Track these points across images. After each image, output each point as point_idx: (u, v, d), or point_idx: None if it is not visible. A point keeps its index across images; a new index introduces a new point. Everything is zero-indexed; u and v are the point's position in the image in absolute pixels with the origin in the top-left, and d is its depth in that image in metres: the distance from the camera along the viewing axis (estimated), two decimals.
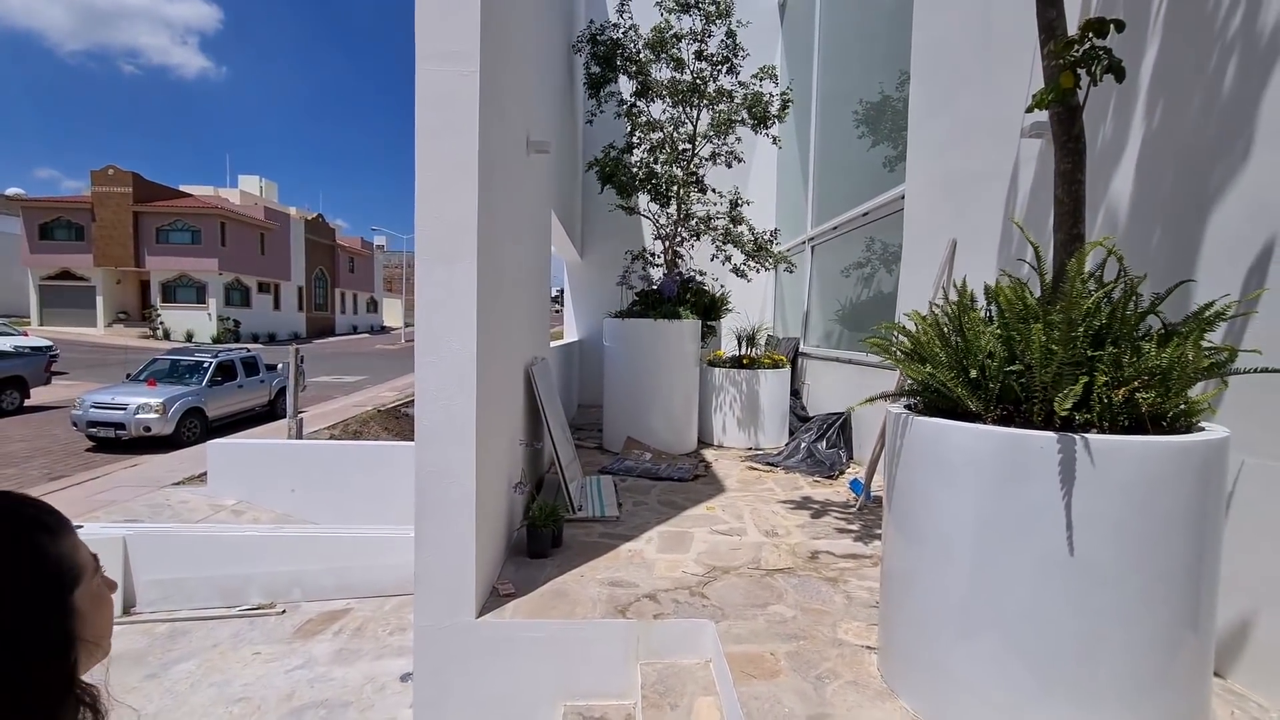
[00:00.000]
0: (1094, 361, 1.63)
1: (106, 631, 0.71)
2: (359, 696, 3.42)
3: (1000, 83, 3.43)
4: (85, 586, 0.67)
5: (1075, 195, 1.87)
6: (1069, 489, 1.54)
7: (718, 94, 6.06)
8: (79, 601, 0.65)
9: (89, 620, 0.67)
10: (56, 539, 0.66)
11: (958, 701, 1.75)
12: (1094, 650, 1.56)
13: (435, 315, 2.31)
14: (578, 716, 2.35)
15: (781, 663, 2.13)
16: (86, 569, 0.68)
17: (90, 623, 0.67)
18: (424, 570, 2.36)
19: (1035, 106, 1.81)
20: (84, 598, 0.66)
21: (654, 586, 2.73)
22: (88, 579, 0.68)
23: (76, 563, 0.67)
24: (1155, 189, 2.36)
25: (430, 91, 2.25)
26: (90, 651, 0.67)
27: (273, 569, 4.62)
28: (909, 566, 1.91)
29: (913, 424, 1.87)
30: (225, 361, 12.04)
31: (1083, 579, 1.55)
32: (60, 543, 0.66)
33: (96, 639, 0.67)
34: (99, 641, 0.68)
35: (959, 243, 3.77)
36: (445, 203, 2.28)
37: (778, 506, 3.97)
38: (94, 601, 0.68)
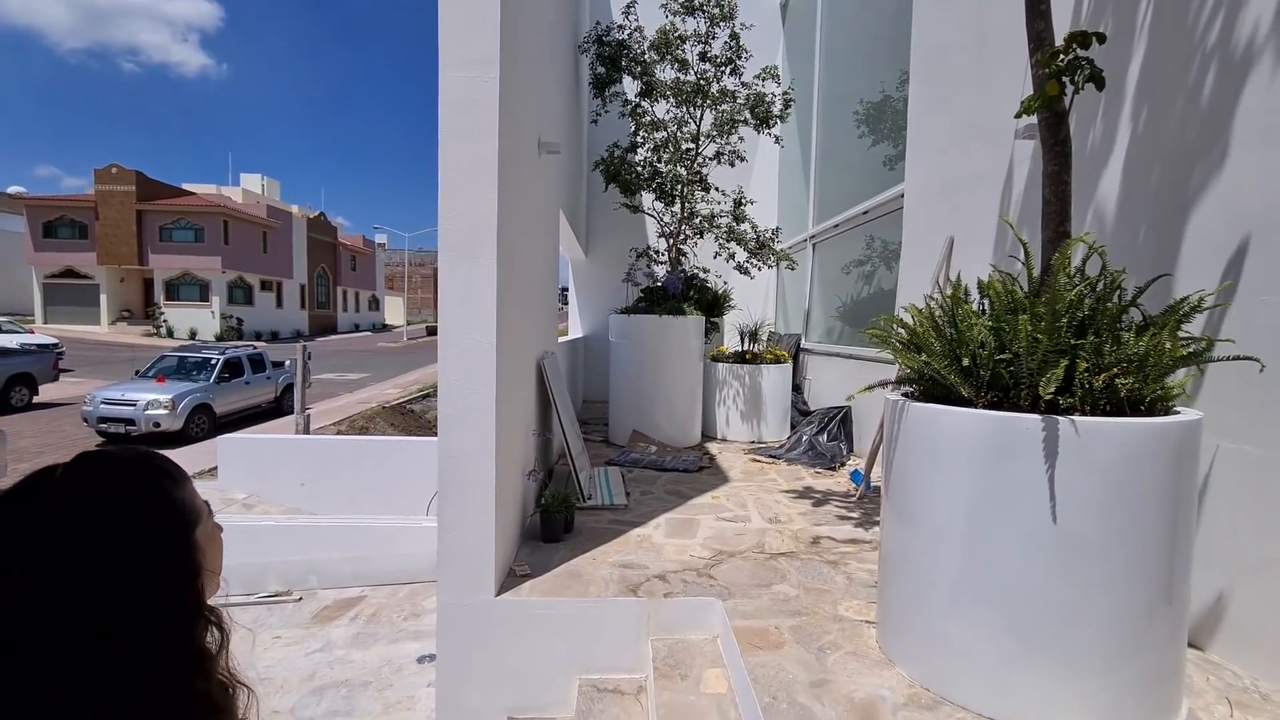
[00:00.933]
0: (1076, 349, 1.76)
1: (220, 565, 0.83)
2: (377, 677, 3.56)
3: (995, 86, 3.56)
4: (204, 526, 0.80)
5: (1062, 195, 2.00)
6: (1053, 467, 1.67)
7: (721, 94, 6.18)
8: (199, 538, 0.78)
9: (208, 554, 0.79)
10: (179, 485, 0.78)
11: (950, 668, 1.88)
12: (1077, 617, 1.69)
13: (457, 309, 2.43)
14: (592, 688, 2.48)
15: (785, 636, 2.26)
16: (203, 512, 0.81)
17: (209, 556, 0.80)
18: (446, 550, 2.49)
19: (1024, 112, 1.94)
20: (203, 535, 0.79)
21: (663, 568, 2.86)
22: (205, 520, 0.81)
23: (195, 506, 0.80)
24: (1141, 189, 2.48)
25: (452, 96, 2.37)
26: (211, 580, 0.79)
27: (289, 558, 4.76)
28: (905, 543, 2.04)
29: (908, 410, 2.00)
30: (232, 358, 12.18)
31: (1067, 550, 1.68)
32: (182, 488, 0.78)
33: (214, 570, 0.80)
34: (216, 571, 0.81)
35: (956, 240, 3.90)
36: (467, 202, 2.41)
37: (780, 496, 4.10)
38: (210, 539, 0.81)
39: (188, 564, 0.74)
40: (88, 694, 0.64)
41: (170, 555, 0.73)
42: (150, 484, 0.75)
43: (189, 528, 0.76)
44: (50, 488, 0.68)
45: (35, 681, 0.61)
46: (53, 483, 0.69)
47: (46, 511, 0.66)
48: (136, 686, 0.66)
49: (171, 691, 0.69)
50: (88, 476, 0.70)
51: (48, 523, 0.65)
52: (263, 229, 34.66)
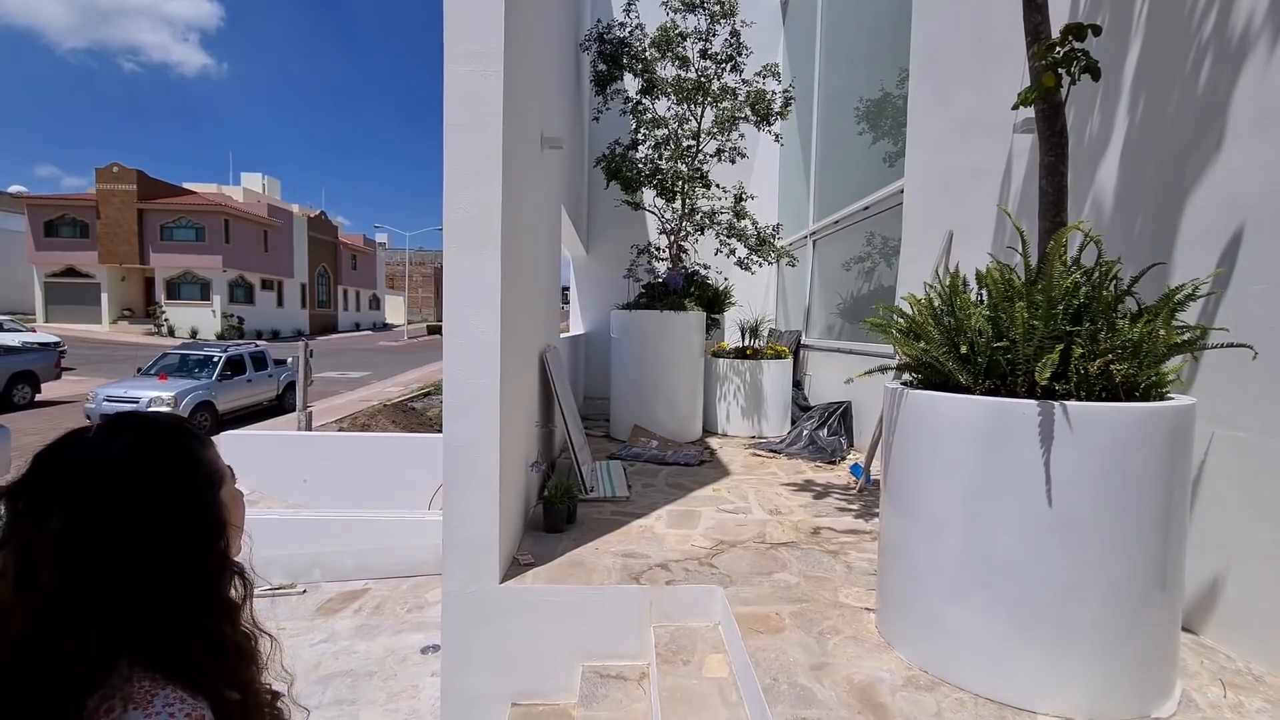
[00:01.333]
0: (1072, 336, 1.79)
1: (243, 522, 0.87)
2: (382, 667, 3.59)
3: (994, 81, 3.59)
4: (228, 486, 0.84)
5: (1058, 186, 2.03)
6: (1049, 450, 1.70)
7: (722, 91, 6.21)
8: (225, 496, 0.82)
9: (233, 511, 0.83)
10: (206, 446, 0.82)
11: (948, 650, 1.91)
12: (1072, 598, 1.72)
13: (462, 299, 2.47)
14: (595, 674, 2.52)
15: (786, 621, 2.30)
16: (227, 474, 0.85)
17: (233, 513, 0.83)
18: (451, 538, 2.52)
19: (1021, 104, 1.97)
20: (227, 494, 0.83)
21: (665, 557, 2.89)
22: (229, 481, 0.84)
23: (220, 467, 0.83)
24: (1137, 180, 2.51)
25: (457, 90, 2.41)
26: (235, 535, 0.83)
27: (293, 550, 4.79)
28: (904, 528, 2.07)
29: (907, 397, 2.03)
30: (234, 356, 12.21)
31: (1063, 532, 1.71)
32: (209, 450, 0.82)
33: (238, 526, 0.84)
34: (240, 527, 0.85)
35: (955, 234, 3.93)
36: (471, 194, 2.44)
37: (781, 488, 4.13)
38: (233, 499, 0.85)
39: (214, 518, 0.78)
40: (121, 637, 0.67)
41: (198, 509, 0.76)
42: (180, 443, 0.78)
43: (215, 485, 0.80)
44: (87, 443, 0.72)
45: (72, 625, 0.64)
46: (90, 439, 0.72)
47: (84, 462, 0.70)
48: (167, 631, 0.70)
49: (201, 637, 0.72)
50: (122, 434, 0.74)
51: (86, 472, 0.69)
52: (263, 228, 34.69)
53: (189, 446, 0.79)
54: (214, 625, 0.75)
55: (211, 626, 0.74)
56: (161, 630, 0.69)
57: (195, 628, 0.72)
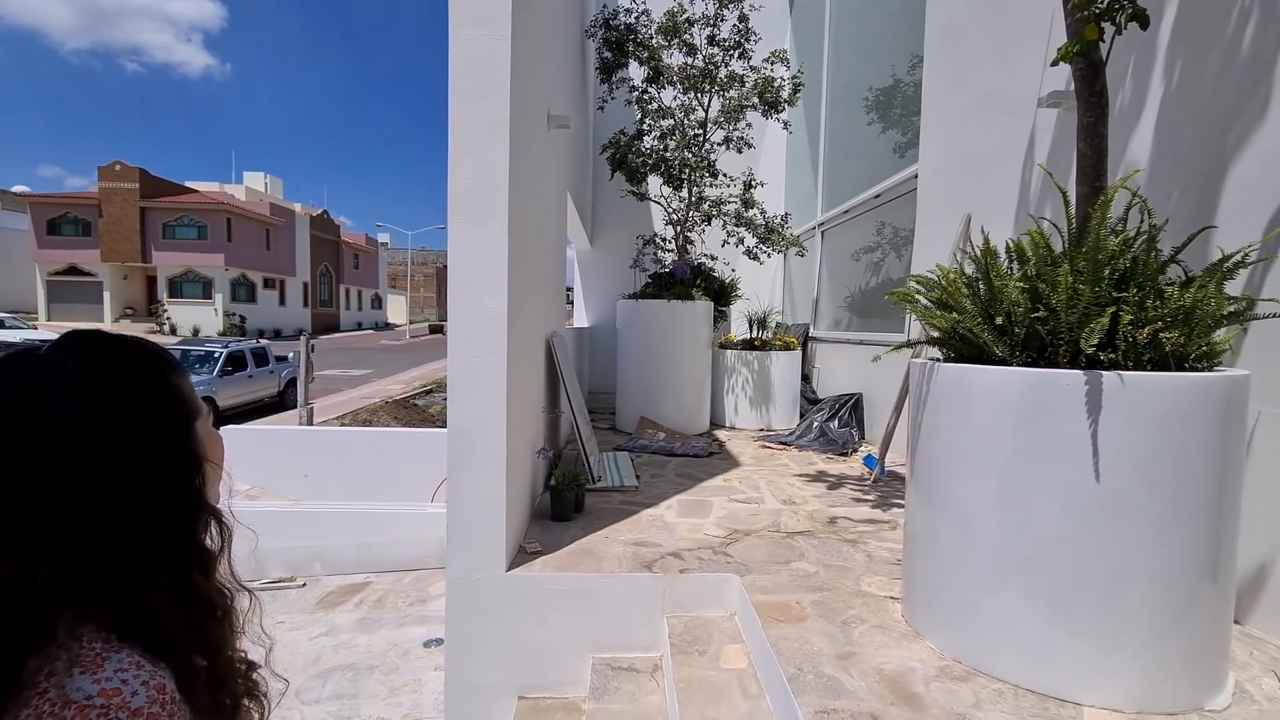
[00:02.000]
0: (1118, 303, 1.67)
1: (222, 461, 0.76)
2: (383, 661, 3.49)
3: (1015, 57, 3.48)
4: (203, 421, 0.73)
5: (1098, 149, 1.92)
6: (1096, 422, 1.59)
7: (729, 79, 6.09)
8: (200, 430, 0.71)
9: (210, 448, 0.72)
10: (177, 373, 0.71)
11: (983, 639, 1.80)
12: (1119, 581, 1.61)
13: (467, 274, 2.36)
14: (606, 666, 2.41)
15: (808, 610, 2.19)
16: (200, 406, 0.74)
17: (211, 450, 0.72)
18: (456, 523, 2.42)
19: (1060, 60, 1.86)
20: (203, 429, 0.72)
21: (677, 546, 2.78)
22: (204, 415, 0.74)
23: (196, 400, 0.73)
24: (1174, 147, 2.40)
25: (464, 55, 2.30)
26: (214, 474, 0.72)
27: (293, 544, 4.69)
28: (934, 511, 1.96)
29: (938, 371, 1.92)
30: (236, 352, 12.14)
31: (1109, 508, 1.60)
32: (180, 377, 0.71)
33: (218, 464, 0.73)
34: (219, 466, 0.74)
35: (974, 216, 3.82)
36: (476, 163, 2.33)
37: (793, 479, 4.02)
38: (210, 436, 0.74)
39: (189, 450, 0.67)
40: (72, 584, 0.56)
41: (170, 436, 0.66)
42: (149, 363, 0.68)
43: (190, 414, 0.69)
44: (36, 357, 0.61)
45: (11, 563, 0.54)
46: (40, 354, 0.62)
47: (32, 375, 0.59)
48: (128, 578, 0.59)
49: (168, 587, 0.61)
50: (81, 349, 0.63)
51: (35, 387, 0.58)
52: (265, 227, 34.65)
53: (159, 368, 0.68)
54: (184, 574, 0.64)
55: (181, 576, 0.63)
56: (121, 576, 0.59)
57: (162, 576, 0.61)
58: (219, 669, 0.69)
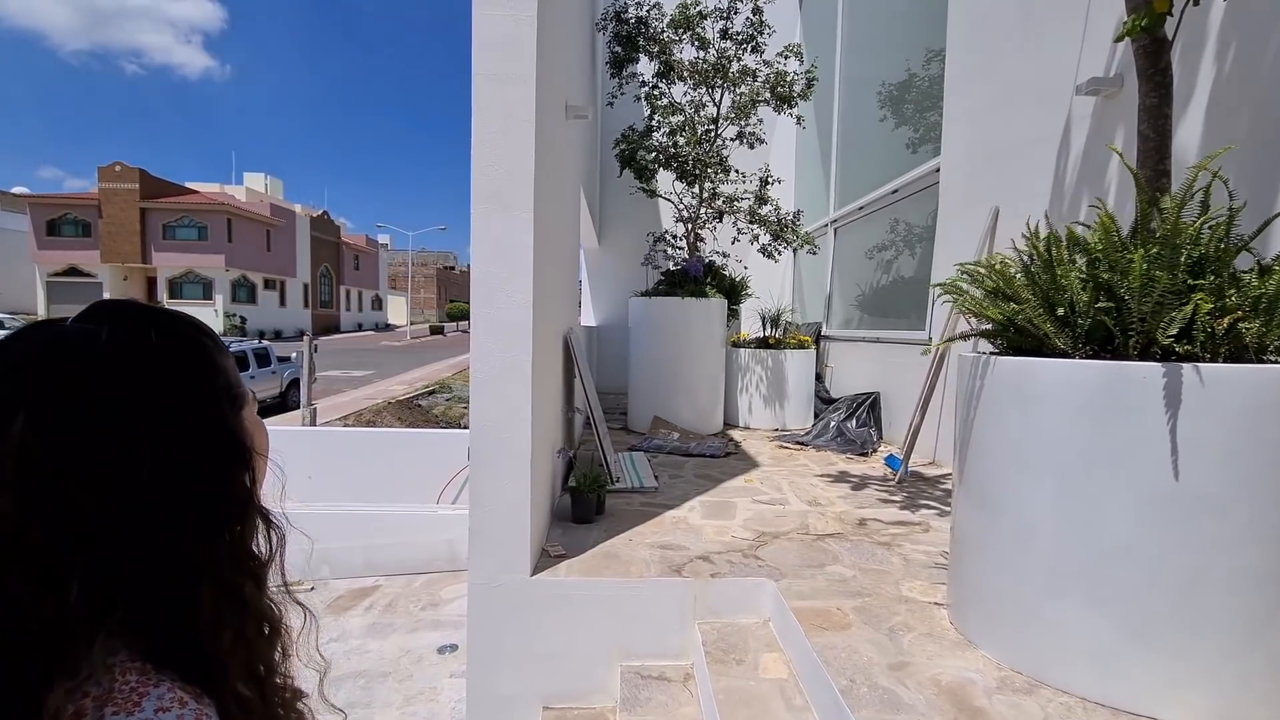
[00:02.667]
0: (1193, 291, 1.57)
1: (265, 458, 0.67)
2: (396, 667, 3.38)
3: (1046, 45, 3.38)
4: (250, 409, 0.63)
5: (1162, 130, 1.82)
6: (1175, 418, 1.49)
7: (741, 73, 5.99)
8: (246, 419, 0.61)
9: (257, 438, 0.63)
10: (224, 353, 0.61)
11: (1046, 649, 1.70)
12: (1198, 587, 1.51)
13: (492, 265, 2.26)
14: (636, 675, 2.30)
15: (850, 617, 2.08)
16: (248, 394, 0.64)
17: (258, 440, 0.63)
18: (478, 526, 2.31)
19: (1124, 35, 1.76)
20: (249, 417, 0.62)
21: (705, 549, 2.68)
22: (250, 402, 0.64)
23: (240, 383, 0.63)
24: (1228, 133, 2.30)
25: (488, 35, 2.20)
26: (262, 468, 0.63)
27: (300, 546, 4.56)
28: (989, 514, 1.85)
29: (995, 365, 1.82)
30: (238, 352, 12.02)
31: (1187, 510, 1.49)
32: (227, 358, 0.61)
33: (264, 453, 0.64)
34: (266, 454, 0.65)
35: (1001, 210, 3.72)
36: (502, 149, 2.23)
37: (815, 480, 3.92)
38: (256, 427, 0.64)
39: (238, 443, 0.57)
40: (106, 600, 0.46)
41: (217, 423, 0.56)
42: (194, 339, 0.58)
43: (239, 402, 0.59)
44: (64, 329, 0.51)
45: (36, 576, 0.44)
46: (68, 325, 0.52)
47: (59, 349, 0.49)
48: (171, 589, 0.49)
49: (215, 597, 0.51)
50: (115, 320, 0.53)
51: (65, 361, 0.48)
52: (266, 227, 34.55)
53: (203, 345, 0.58)
54: (234, 584, 0.54)
55: (231, 586, 0.53)
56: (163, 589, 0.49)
57: (209, 586, 0.51)
58: (266, 695, 0.59)
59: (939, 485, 3.83)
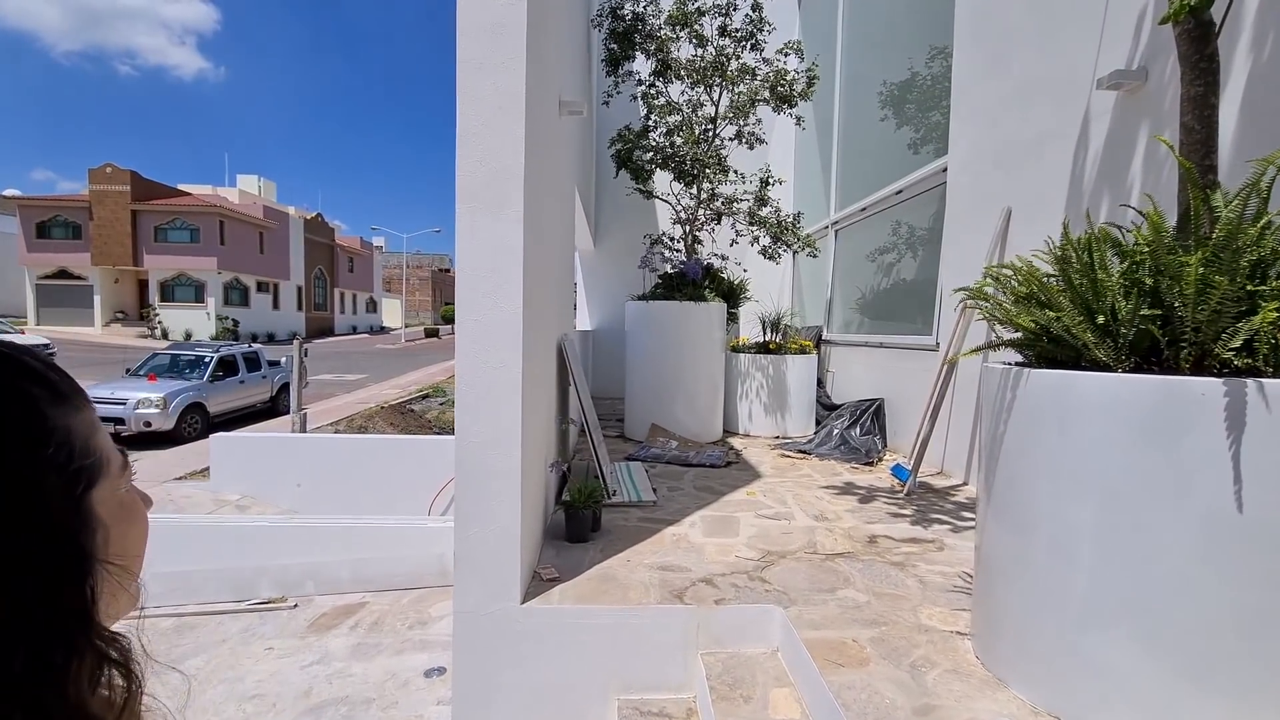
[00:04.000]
0: (1254, 297, 1.42)
1: (137, 555, 0.49)
2: (381, 693, 3.20)
3: (1062, 39, 3.23)
4: (109, 486, 0.45)
5: (1208, 122, 1.67)
6: (1239, 440, 1.33)
7: (740, 72, 5.84)
8: (99, 505, 0.44)
9: (114, 537, 0.45)
10: (67, 407, 0.44)
11: (1089, 691, 1.54)
12: (1266, 626, 1.35)
13: (478, 268, 2.09)
14: (634, 710, 2.14)
15: (868, 650, 1.92)
16: (111, 462, 0.46)
17: (115, 539, 0.45)
18: (465, 551, 2.14)
19: (1169, 18, 1.61)
20: (107, 502, 0.45)
21: (707, 571, 2.52)
22: (113, 477, 0.46)
23: (96, 449, 0.45)
24: (1268, 124, 2.15)
25: (473, 20, 2.04)
26: (117, 583, 0.45)
27: (284, 561, 4.40)
28: (1019, 540, 1.70)
29: (1027, 378, 1.66)
30: (227, 356, 11.81)
31: (1255, 542, 1.34)
32: (71, 414, 0.44)
33: (124, 563, 0.45)
34: (128, 567, 0.46)
35: (1014, 210, 3.57)
36: (489, 144, 2.07)
37: (821, 492, 3.76)
38: (121, 511, 0.46)
39: (68, 545, 0.40)
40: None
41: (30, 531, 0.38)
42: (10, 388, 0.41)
43: (76, 482, 0.41)
44: None
45: None
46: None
47: None
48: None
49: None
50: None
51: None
52: (259, 230, 34.24)
53: (22, 395, 0.41)
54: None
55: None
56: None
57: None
58: None
59: (949, 497, 3.68)
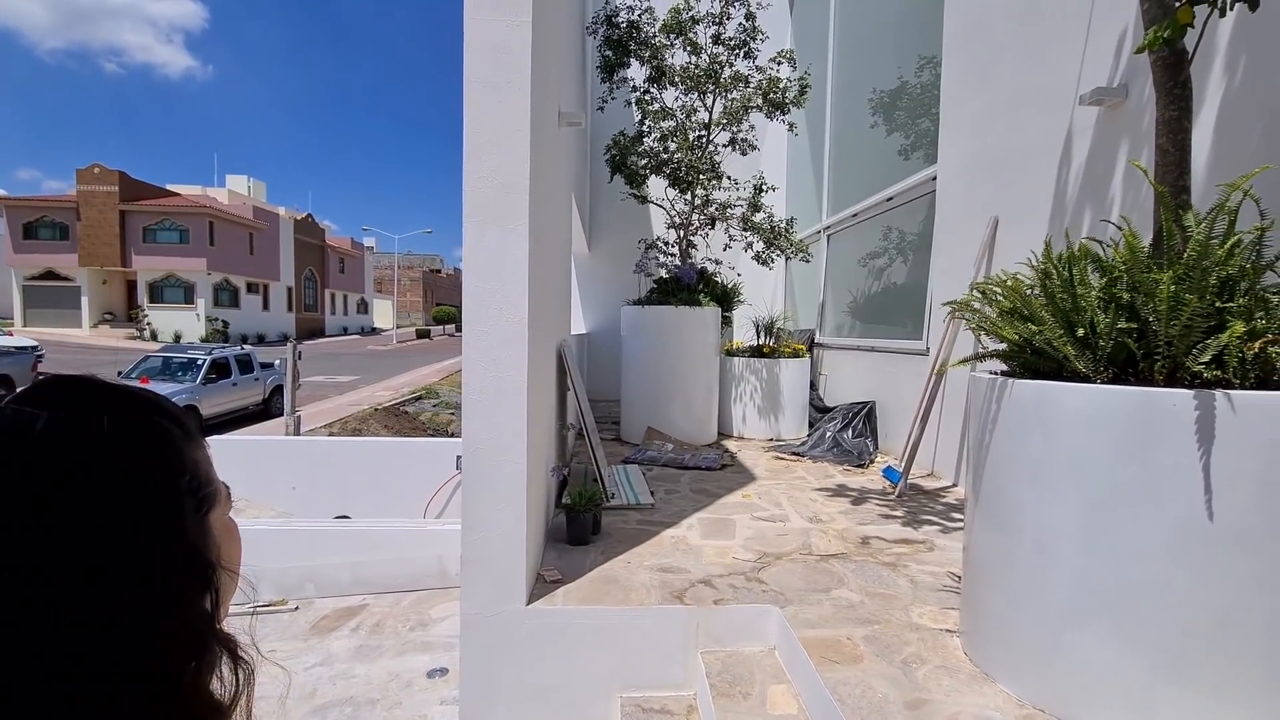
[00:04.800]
0: (1221, 314, 1.51)
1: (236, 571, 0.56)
2: (385, 694, 3.26)
3: (1047, 54, 3.34)
4: (221, 510, 0.52)
5: (1182, 145, 1.76)
6: (1208, 450, 1.42)
7: (733, 79, 5.93)
8: (215, 525, 0.51)
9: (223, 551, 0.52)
10: (194, 444, 0.51)
11: (1071, 686, 1.63)
12: (1234, 624, 1.44)
13: (486, 282, 2.16)
14: (636, 708, 2.21)
15: (861, 647, 2.00)
16: (221, 491, 0.54)
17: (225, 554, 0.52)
18: (472, 554, 2.21)
19: (1145, 48, 1.70)
20: (219, 523, 0.52)
21: (706, 572, 2.59)
22: (223, 503, 0.53)
23: (214, 480, 0.53)
24: (1237, 148, 2.26)
25: (481, 40, 2.11)
26: (229, 588, 0.52)
27: (285, 564, 4.44)
28: (1004, 542, 1.78)
29: (1011, 388, 1.75)
30: (219, 359, 11.78)
31: (1223, 546, 1.43)
32: (198, 450, 0.51)
33: (234, 567, 0.53)
34: (234, 573, 0.54)
35: (1000, 220, 3.67)
36: (496, 160, 2.14)
37: (814, 494, 3.85)
38: (228, 532, 0.54)
39: (199, 556, 0.46)
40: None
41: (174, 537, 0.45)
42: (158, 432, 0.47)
43: (204, 503, 0.48)
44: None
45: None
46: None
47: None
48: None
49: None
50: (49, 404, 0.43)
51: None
52: (249, 230, 34.06)
53: (168, 437, 0.47)
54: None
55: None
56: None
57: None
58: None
59: (939, 499, 3.77)
